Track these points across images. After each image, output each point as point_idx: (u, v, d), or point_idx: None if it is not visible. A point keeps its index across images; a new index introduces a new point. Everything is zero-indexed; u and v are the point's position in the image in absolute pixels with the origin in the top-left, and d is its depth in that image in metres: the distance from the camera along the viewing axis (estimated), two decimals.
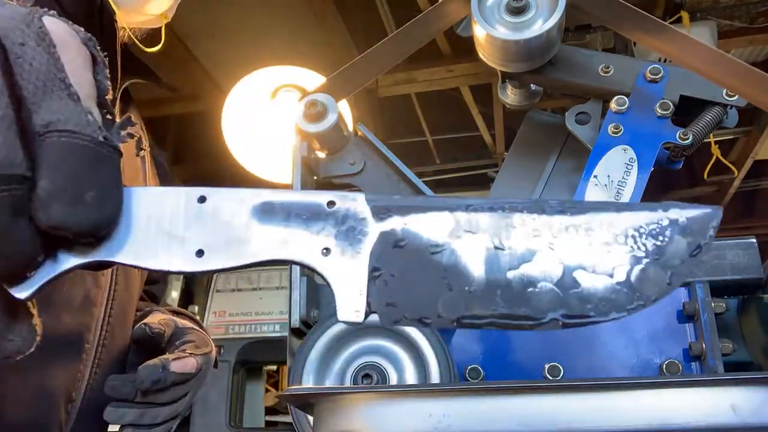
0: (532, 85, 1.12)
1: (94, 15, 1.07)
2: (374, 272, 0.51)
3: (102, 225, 0.49)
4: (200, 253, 0.50)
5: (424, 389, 0.66)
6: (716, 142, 3.83)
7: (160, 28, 1.22)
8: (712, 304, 0.84)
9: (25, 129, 0.46)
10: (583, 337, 0.86)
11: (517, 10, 0.92)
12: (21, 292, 0.47)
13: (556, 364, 0.85)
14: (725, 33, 3.56)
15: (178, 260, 0.50)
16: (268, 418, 3.80)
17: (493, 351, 0.88)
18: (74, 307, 0.99)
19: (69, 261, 0.49)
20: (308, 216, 0.52)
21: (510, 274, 0.51)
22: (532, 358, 0.86)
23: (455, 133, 4.79)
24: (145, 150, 1.24)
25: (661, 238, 0.51)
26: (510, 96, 1.15)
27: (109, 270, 1.05)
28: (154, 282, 1.36)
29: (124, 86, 1.14)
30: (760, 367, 0.88)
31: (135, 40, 1.14)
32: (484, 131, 4.47)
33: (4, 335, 0.48)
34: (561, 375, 0.84)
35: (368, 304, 0.51)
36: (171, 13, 1.20)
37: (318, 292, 0.91)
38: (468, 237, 0.52)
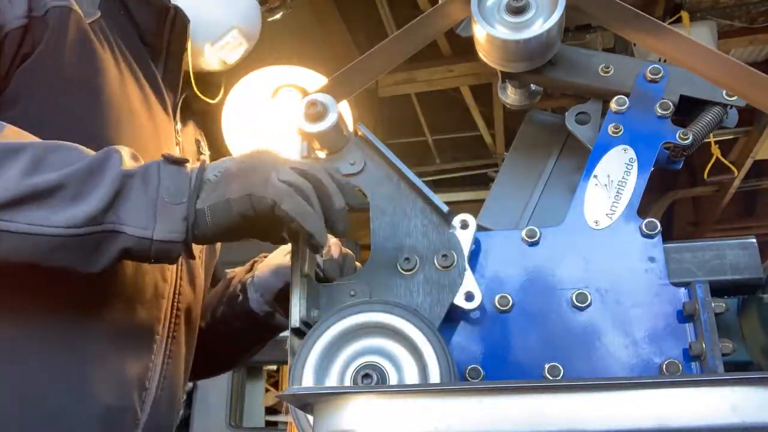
0: (532, 85, 1.12)
1: (162, 34, 1.17)
2: None
3: None
4: None
5: (424, 389, 0.66)
6: (716, 142, 3.83)
7: (221, 79, 1.33)
8: (712, 304, 0.84)
9: None
10: (583, 337, 0.86)
11: (517, 10, 0.92)
12: None
13: (556, 364, 0.85)
14: (725, 33, 3.56)
15: None
16: (268, 417, 3.80)
17: (493, 351, 0.88)
18: (145, 299, 1.05)
19: None
20: None
21: None
22: (532, 358, 0.86)
23: (455, 133, 4.79)
24: (206, 154, 1.34)
25: None
26: (510, 96, 1.15)
27: (174, 265, 1.12)
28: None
29: (180, 98, 1.25)
30: (760, 367, 0.88)
31: (196, 91, 1.24)
32: (484, 131, 4.47)
33: None
34: (561, 375, 0.84)
35: None
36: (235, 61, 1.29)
37: (318, 292, 0.92)
38: None
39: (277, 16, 1.41)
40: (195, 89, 1.23)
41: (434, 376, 0.77)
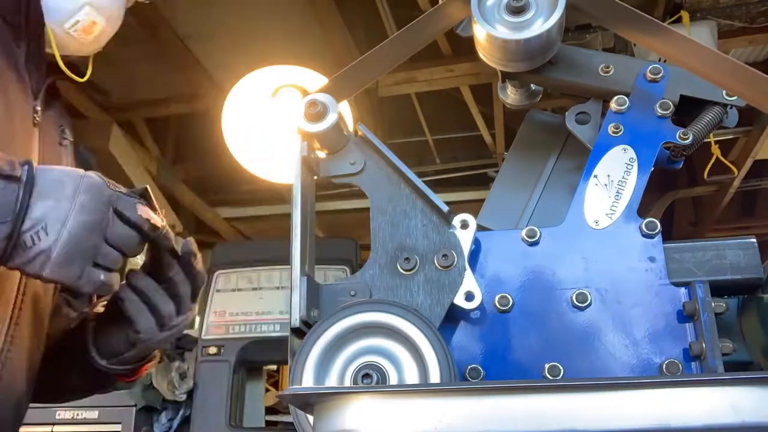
0: (532, 85, 1.12)
1: (20, 13, 1.12)
2: None
3: None
4: None
5: (424, 389, 0.67)
6: (716, 142, 3.82)
7: (89, 61, 1.25)
8: (712, 304, 0.84)
9: None
10: (583, 337, 0.86)
11: (517, 10, 0.92)
12: None
13: (556, 364, 0.85)
14: (725, 33, 3.55)
15: None
16: (268, 418, 3.80)
17: (493, 351, 0.88)
18: None
19: None
20: None
21: None
22: (532, 358, 0.86)
23: (455, 133, 4.79)
24: (69, 141, 1.27)
25: None
26: (510, 96, 1.15)
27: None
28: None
29: (48, 82, 1.19)
30: (760, 367, 0.88)
31: (63, 67, 1.19)
32: (484, 131, 4.47)
33: None
34: (561, 375, 0.84)
35: None
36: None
37: (318, 292, 0.92)
38: None
39: None
40: (61, 64, 1.17)
41: (434, 376, 0.77)
